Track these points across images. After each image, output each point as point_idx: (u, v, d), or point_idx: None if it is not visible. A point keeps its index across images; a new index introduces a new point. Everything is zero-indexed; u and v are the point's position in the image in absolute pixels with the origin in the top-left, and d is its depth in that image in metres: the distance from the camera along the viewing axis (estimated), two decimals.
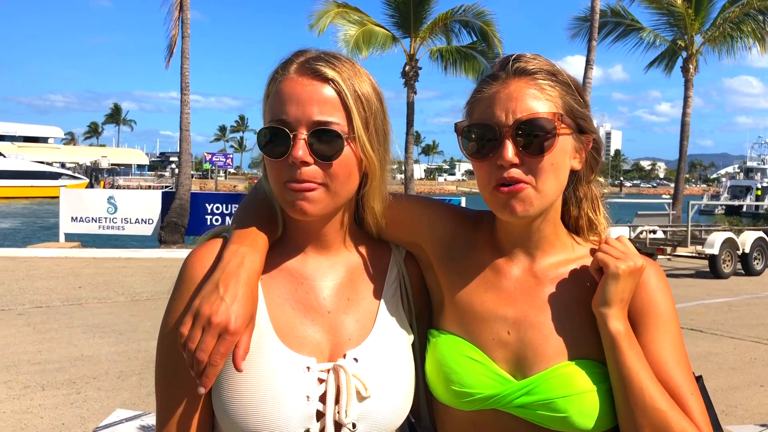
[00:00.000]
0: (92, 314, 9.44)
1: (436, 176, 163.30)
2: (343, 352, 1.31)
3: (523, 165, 1.28)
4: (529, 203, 1.29)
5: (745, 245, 16.19)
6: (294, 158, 1.23)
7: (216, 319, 1.17)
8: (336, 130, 1.25)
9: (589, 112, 1.37)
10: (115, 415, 5.54)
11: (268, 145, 1.27)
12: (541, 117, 1.27)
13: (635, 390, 1.24)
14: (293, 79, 1.27)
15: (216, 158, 51.60)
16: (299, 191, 1.25)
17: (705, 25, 24.60)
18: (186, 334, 1.18)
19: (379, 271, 1.44)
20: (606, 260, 1.30)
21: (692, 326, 9.72)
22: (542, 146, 1.27)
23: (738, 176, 76.03)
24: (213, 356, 1.17)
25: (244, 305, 1.20)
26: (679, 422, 1.22)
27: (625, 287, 1.29)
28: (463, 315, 1.39)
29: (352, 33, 24.51)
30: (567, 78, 1.34)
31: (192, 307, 1.20)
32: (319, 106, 1.25)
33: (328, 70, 1.27)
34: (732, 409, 6.15)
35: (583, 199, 1.45)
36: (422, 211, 1.48)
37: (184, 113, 20.31)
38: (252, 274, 1.25)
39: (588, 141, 1.38)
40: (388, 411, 1.30)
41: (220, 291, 1.20)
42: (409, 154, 26.68)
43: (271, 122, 1.26)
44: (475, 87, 1.38)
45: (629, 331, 1.28)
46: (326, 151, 1.25)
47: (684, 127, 24.53)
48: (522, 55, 1.33)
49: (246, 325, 1.21)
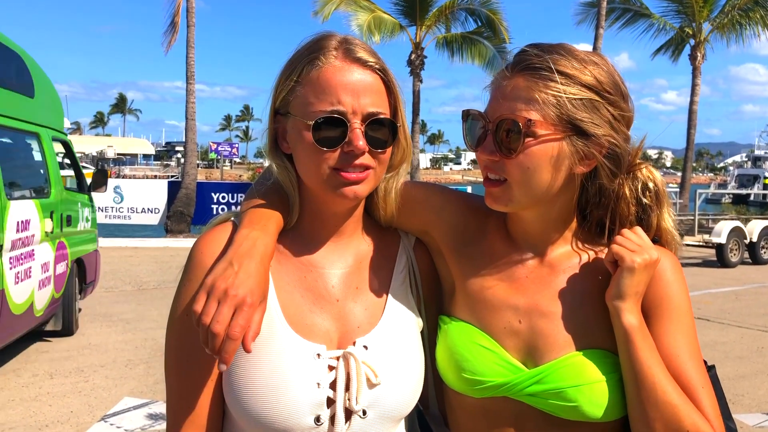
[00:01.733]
0: (99, 303, 9.48)
1: (442, 165, 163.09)
2: (352, 339, 1.30)
3: (499, 161, 1.28)
4: (505, 199, 1.30)
5: (752, 234, 16.14)
6: (356, 148, 1.24)
7: (233, 291, 1.15)
8: (389, 118, 1.30)
9: (628, 111, 1.31)
10: (123, 403, 5.58)
11: (319, 134, 1.25)
12: (511, 118, 1.24)
13: (647, 383, 1.23)
14: (341, 67, 1.27)
15: (221, 148, 51.55)
16: (354, 178, 1.27)
17: (713, 12, 24.40)
18: (199, 311, 1.16)
19: (387, 259, 1.43)
20: (621, 253, 1.28)
21: (699, 315, 9.70)
22: (510, 147, 1.26)
23: (745, 165, 75.64)
24: (232, 329, 1.14)
25: (259, 282, 1.19)
26: (689, 416, 1.21)
27: (640, 280, 1.27)
28: (474, 303, 1.38)
29: (364, 18, 24.42)
30: (584, 77, 1.25)
31: (205, 284, 1.18)
32: (372, 97, 1.28)
33: (372, 59, 1.30)
34: (739, 398, 6.15)
35: (606, 203, 1.37)
36: (432, 198, 1.47)
37: (189, 103, 20.30)
38: (264, 256, 1.24)
39: (601, 145, 1.28)
40: (398, 398, 1.30)
41: (234, 267, 1.19)
42: (415, 143, 26.61)
43: (327, 112, 1.25)
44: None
45: (643, 325, 1.27)
46: (380, 139, 1.28)
47: (691, 116, 24.39)
48: (530, 50, 1.28)
49: (261, 301, 1.19)
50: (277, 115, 1.33)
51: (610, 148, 1.29)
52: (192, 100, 20.34)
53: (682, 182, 24.87)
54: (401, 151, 1.37)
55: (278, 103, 1.32)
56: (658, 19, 24.97)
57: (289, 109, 1.30)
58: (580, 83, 1.25)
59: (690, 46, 24.69)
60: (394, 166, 1.38)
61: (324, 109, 1.25)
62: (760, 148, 77.36)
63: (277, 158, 1.36)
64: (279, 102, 1.32)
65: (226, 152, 52.53)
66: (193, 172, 20.01)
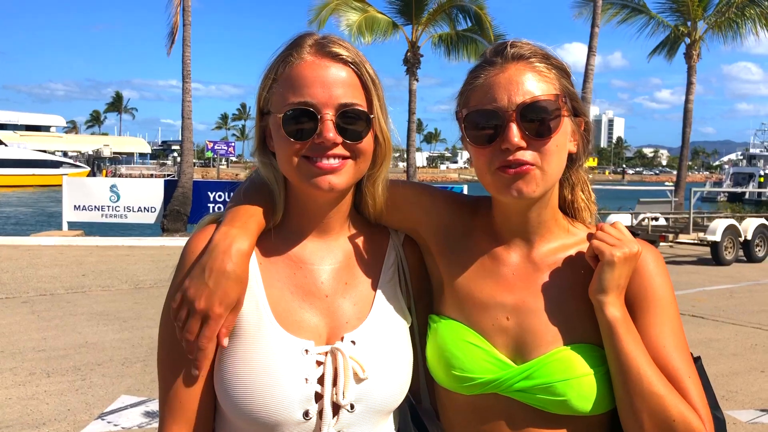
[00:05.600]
0: (96, 302, 9.49)
1: (438, 164, 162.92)
2: (341, 335, 1.33)
3: (529, 148, 1.28)
4: (535, 184, 1.30)
5: (747, 232, 16.19)
6: (326, 140, 1.26)
7: (198, 304, 1.22)
8: (362, 110, 1.30)
9: (588, 95, 1.39)
10: (120, 401, 5.59)
11: (291, 126, 1.28)
12: (544, 99, 1.28)
13: (633, 375, 1.25)
14: (312, 62, 1.29)
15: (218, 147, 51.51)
16: (328, 169, 1.28)
17: (708, 11, 24.43)
18: (175, 309, 1.24)
19: (376, 255, 1.45)
20: (601, 248, 1.30)
21: (694, 313, 9.75)
22: (548, 128, 1.28)
23: (741, 163, 75.57)
24: (200, 340, 1.22)
25: (228, 291, 1.23)
26: (676, 406, 1.23)
27: (621, 274, 1.29)
28: (463, 301, 1.41)
29: (355, 19, 24.41)
30: (560, 62, 1.36)
31: (182, 286, 1.26)
32: (344, 89, 1.29)
33: (346, 53, 1.31)
34: (733, 395, 6.18)
35: (576, 183, 1.47)
36: (420, 197, 1.49)
37: (185, 101, 20.26)
38: (240, 257, 1.27)
39: (580, 123, 1.39)
40: (386, 392, 1.32)
41: (205, 275, 1.24)
42: (412, 141, 26.59)
43: (296, 104, 1.27)
44: (468, 75, 1.37)
45: (626, 317, 1.29)
46: (354, 131, 1.29)
47: (687, 114, 24.45)
48: (516, 41, 1.35)
49: (229, 309, 1.24)
50: (263, 114, 1.36)
51: (585, 127, 1.39)
52: (188, 99, 20.30)
53: (677, 180, 24.94)
54: (381, 144, 1.37)
55: (262, 103, 1.35)
56: (655, 17, 25.00)
57: (269, 107, 1.33)
58: (560, 67, 1.34)
59: (685, 44, 24.73)
60: (377, 160, 1.39)
61: (293, 102, 1.28)
62: (755, 147, 77.36)
63: (263, 156, 1.38)
64: (262, 101, 1.35)
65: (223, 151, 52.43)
66: (189, 170, 19.99)
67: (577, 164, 1.44)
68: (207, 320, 1.22)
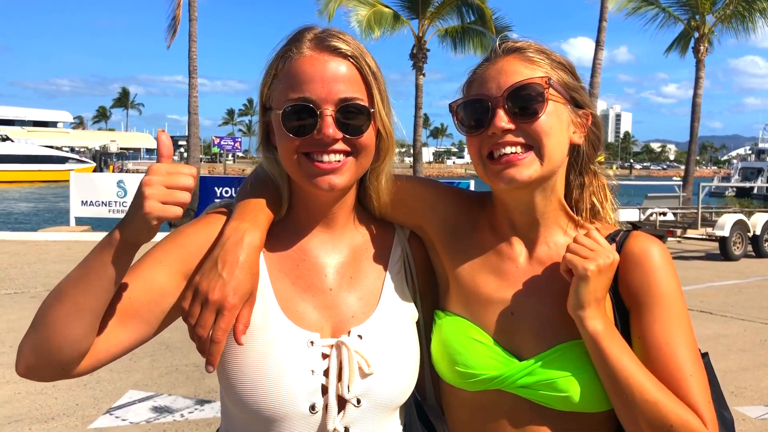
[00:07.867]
0: None
1: (445, 159, 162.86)
2: (347, 329, 1.32)
3: (518, 130, 1.29)
4: (526, 169, 1.29)
5: (755, 227, 16.08)
6: (325, 136, 1.25)
7: (213, 296, 1.19)
8: (363, 104, 1.28)
9: (596, 90, 1.38)
10: (128, 396, 5.62)
11: (291, 123, 1.27)
12: (528, 82, 1.29)
13: (623, 384, 1.22)
14: (311, 56, 1.28)
15: (224, 142, 51.49)
16: (328, 167, 1.27)
17: (717, 4, 24.24)
18: (186, 309, 1.20)
19: (382, 250, 1.45)
20: (574, 261, 1.27)
21: (702, 308, 9.70)
22: (534, 109, 1.28)
23: (749, 158, 75.19)
24: (214, 332, 1.18)
25: (242, 281, 1.22)
26: (674, 411, 1.21)
27: (597, 286, 1.26)
28: (467, 297, 1.40)
29: (364, 13, 24.37)
30: (558, 57, 1.36)
31: (193, 283, 1.22)
32: (344, 84, 1.27)
33: (345, 47, 1.29)
34: (741, 390, 6.16)
35: (588, 185, 1.44)
36: (425, 193, 1.48)
37: (192, 97, 20.31)
38: (251, 250, 1.26)
39: (586, 116, 1.38)
40: (392, 388, 1.32)
41: (218, 267, 1.22)
42: (418, 136, 26.59)
43: (295, 100, 1.26)
44: (468, 72, 1.41)
45: (608, 327, 1.26)
46: (354, 125, 1.28)
47: (695, 108, 24.29)
48: (510, 38, 1.38)
49: (244, 300, 1.22)
50: (266, 110, 1.35)
51: (593, 120, 1.38)
52: (195, 95, 20.35)
53: (685, 175, 24.79)
54: (383, 138, 1.36)
55: (263, 99, 1.35)
56: (665, 9, 24.78)
57: (271, 103, 1.33)
58: (557, 61, 1.35)
59: (694, 38, 24.56)
60: (380, 153, 1.37)
61: (293, 98, 1.27)
62: (764, 141, 76.76)
63: (266, 152, 1.38)
64: (264, 97, 1.34)
65: (229, 146, 52.45)
66: (196, 166, 20.03)
67: (585, 159, 1.42)
68: (222, 312, 1.19)
